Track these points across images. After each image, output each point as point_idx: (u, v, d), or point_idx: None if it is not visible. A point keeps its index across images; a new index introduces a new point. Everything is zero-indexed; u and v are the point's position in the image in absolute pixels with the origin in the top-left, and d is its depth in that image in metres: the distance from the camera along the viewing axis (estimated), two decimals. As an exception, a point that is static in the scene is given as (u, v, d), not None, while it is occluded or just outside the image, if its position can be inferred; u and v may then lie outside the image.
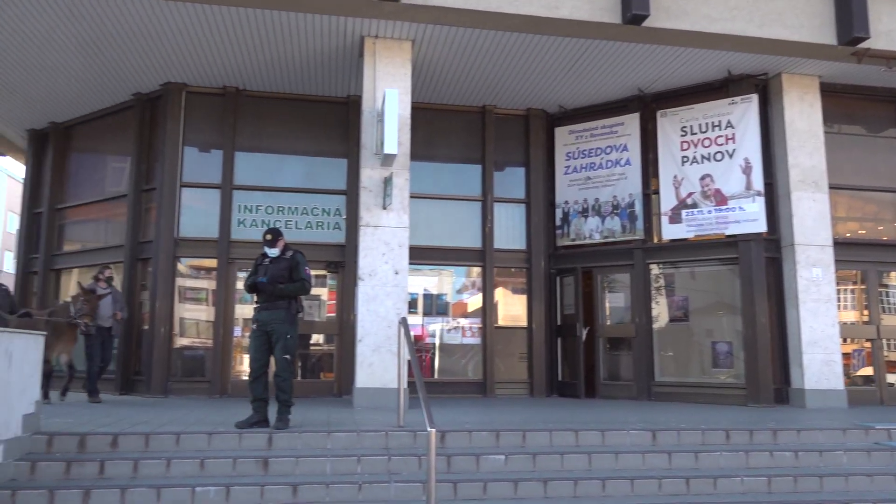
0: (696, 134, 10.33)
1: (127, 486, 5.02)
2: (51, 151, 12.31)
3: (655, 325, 10.57)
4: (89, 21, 8.56)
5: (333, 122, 10.85)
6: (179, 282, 10.33)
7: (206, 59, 9.64)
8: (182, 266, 10.42)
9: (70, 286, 11.70)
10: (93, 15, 8.44)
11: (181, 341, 10.31)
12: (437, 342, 10.82)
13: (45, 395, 8.20)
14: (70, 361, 8.71)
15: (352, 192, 10.41)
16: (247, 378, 10.12)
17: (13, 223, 41.00)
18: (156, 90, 10.74)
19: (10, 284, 11.64)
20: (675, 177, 10.44)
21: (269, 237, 6.53)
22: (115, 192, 11.33)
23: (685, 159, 10.39)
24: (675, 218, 10.39)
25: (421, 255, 10.20)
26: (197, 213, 10.43)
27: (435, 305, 11.00)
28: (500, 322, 11.04)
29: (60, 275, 11.91)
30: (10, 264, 40.24)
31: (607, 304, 11.05)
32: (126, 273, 10.55)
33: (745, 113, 9.98)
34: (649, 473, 5.81)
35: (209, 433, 5.80)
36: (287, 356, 6.29)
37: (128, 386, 10.33)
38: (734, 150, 10.01)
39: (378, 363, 8.28)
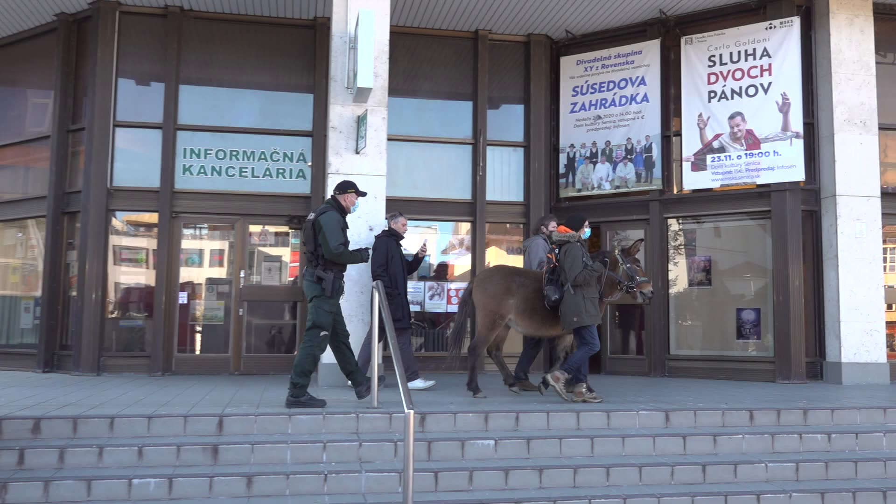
0: (725, 64, 10.22)
1: (51, 478, 5.03)
2: (-43, 84, 12.07)
3: (672, 290, 10.62)
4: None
5: (297, 49, 10.66)
6: (114, 240, 10.24)
7: (142, -27, 9.42)
8: (117, 221, 10.33)
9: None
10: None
11: (116, 310, 10.27)
12: (419, 310, 10.82)
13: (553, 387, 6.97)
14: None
15: (318, 134, 10.29)
16: (194, 353, 10.22)
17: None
18: (84, 10, 10.49)
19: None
20: (701, 115, 10.36)
21: None
22: (36, 132, 11.16)
23: (712, 94, 10.30)
24: (698, 164, 10.35)
25: (400, 209, 10.11)
26: (134, 159, 10.30)
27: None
28: (493, 286, 11.03)
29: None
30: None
31: (618, 266, 11.06)
32: (50, 229, 10.42)
33: (784, 39, 9.86)
34: (660, 460, 5.89)
35: (149, 417, 5.80)
36: None
37: (52, 362, 10.30)
38: (770, 83, 9.92)
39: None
